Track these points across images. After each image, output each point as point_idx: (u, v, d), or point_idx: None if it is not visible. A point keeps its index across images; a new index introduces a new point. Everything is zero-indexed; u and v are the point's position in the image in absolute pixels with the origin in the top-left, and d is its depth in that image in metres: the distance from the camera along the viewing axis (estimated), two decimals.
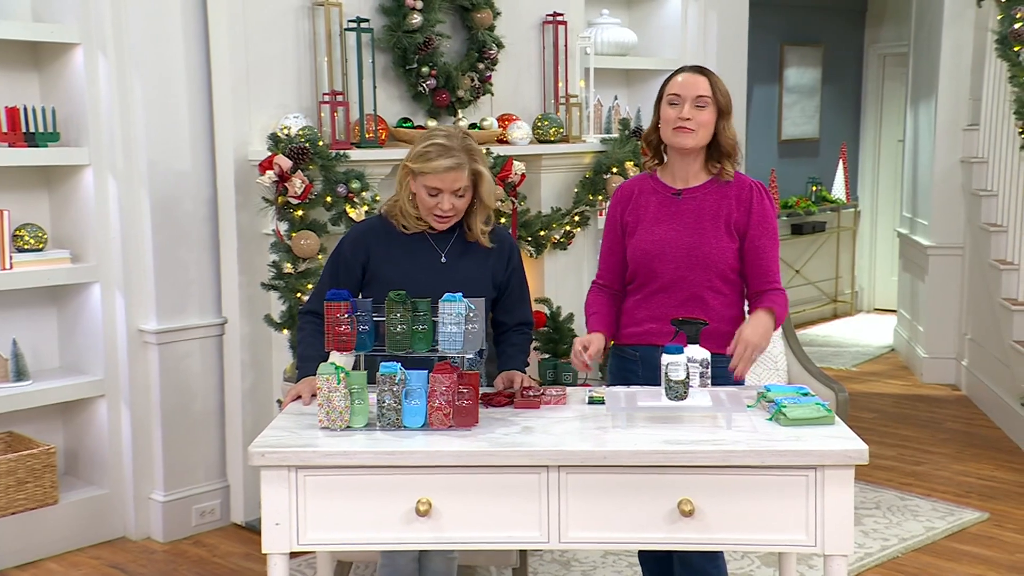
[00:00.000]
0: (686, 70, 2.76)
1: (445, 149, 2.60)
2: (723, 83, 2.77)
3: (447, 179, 2.60)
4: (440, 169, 2.59)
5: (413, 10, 4.26)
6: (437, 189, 2.62)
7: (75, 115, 3.90)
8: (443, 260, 2.72)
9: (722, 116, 2.73)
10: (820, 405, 2.35)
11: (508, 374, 2.73)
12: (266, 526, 2.23)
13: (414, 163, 2.64)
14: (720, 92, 2.72)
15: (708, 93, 2.70)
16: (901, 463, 4.86)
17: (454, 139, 2.64)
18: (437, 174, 2.59)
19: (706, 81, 2.72)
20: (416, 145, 2.67)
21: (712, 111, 2.71)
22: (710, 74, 2.75)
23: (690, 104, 2.69)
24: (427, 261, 2.71)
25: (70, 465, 4.20)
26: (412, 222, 2.71)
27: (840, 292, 8.54)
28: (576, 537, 2.24)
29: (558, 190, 4.82)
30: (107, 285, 3.97)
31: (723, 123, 2.73)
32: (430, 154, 2.61)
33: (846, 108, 8.49)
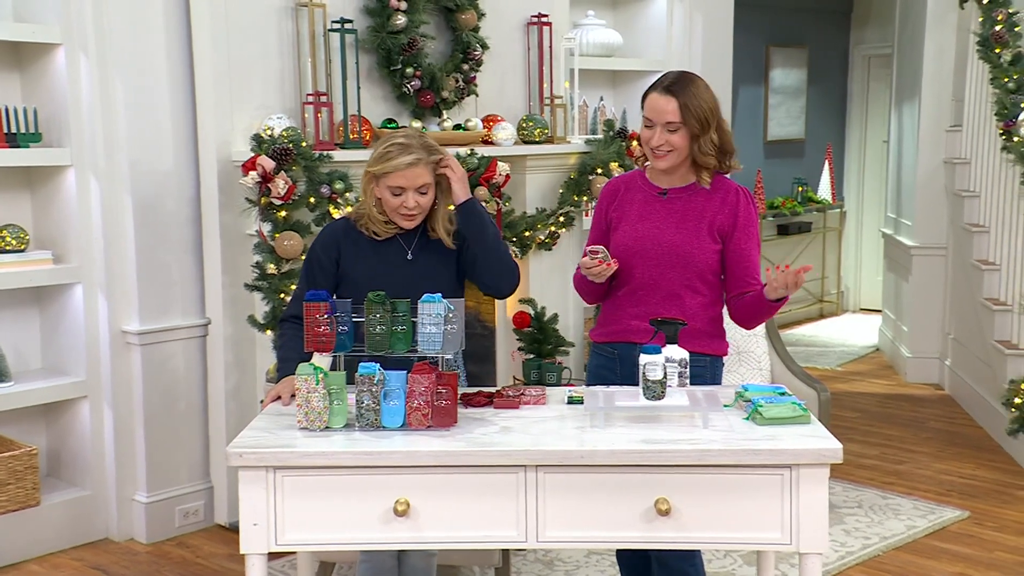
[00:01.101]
0: (659, 87, 2.70)
1: (404, 147, 2.66)
2: (700, 94, 2.66)
3: (410, 175, 2.64)
4: (402, 166, 2.63)
5: (397, 11, 4.27)
6: (401, 188, 2.66)
7: (57, 115, 3.89)
8: (409, 257, 2.75)
9: (696, 136, 2.66)
10: (796, 404, 2.36)
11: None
12: (244, 527, 2.23)
13: (375, 166, 2.68)
14: (692, 112, 2.64)
15: (676, 119, 2.65)
16: (883, 462, 4.89)
17: (412, 138, 2.70)
18: (400, 171, 2.64)
19: (675, 105, 2.65)
20: (375, 149, 2.72)
21: (684, 133, 2.67)
22: (683, 92, 2.66)
23: (661, 129, 2.68)
24: (394, 258, 2.75)
25: (52, 466, 4.19)
26: (381, 227, 2.74)
27: (826, 292, 8.57)
28: (554, 536, 2.25)
29: (543, 191, 4.83)
30: (89, 286, 3.96)
31: (700, 140, 2.67)
32: (390, 154, 2.66)
33: (831, 109, 8.53)
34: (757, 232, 2.82)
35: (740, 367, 4.46)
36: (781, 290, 2.62)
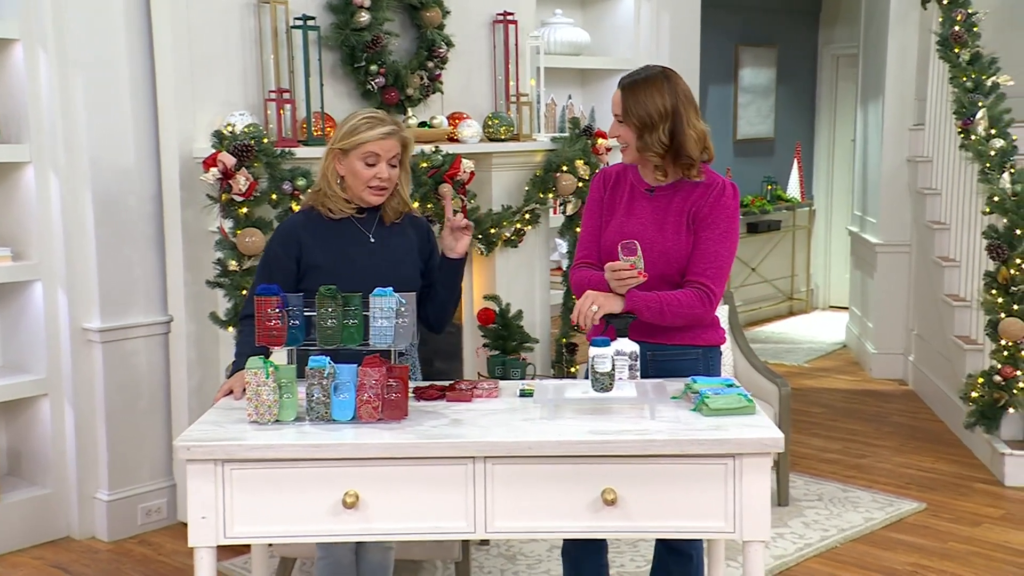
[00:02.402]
0: (619, 83, 2.73)
1: (377, 120, 2.74)
2: (650, 94, 2.65)
3: (385, 145, 2.71)
4: (378, 136, 2.70)
5: (361, 8, 4.27)
6: (376, 156, 2.71)
7: (15, 112, 3.88)
8: (371, 240, 2.79)
9: (646, 129, 2.65)
10: (742, 396, 2.39)
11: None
12: (192, 520, 2.24)
13: (345, 140, 2.73)
14: (632, 109, 2.65)
15: (619, 111, 2.69)
16: (846, 456, 4.94)
17: (380, 113, 2.80)
18: (376, 141, 2.70)
19: (620, 98, 2.69)
20: (341, 127, 2.77)
21: (629, 127, 2.68)
22: (631, 89, 2.67)
23: (614, 121, 2.73)
24: (357, 242, 2.78)
25: (13, 465, 4.17)
26: (339, 204, 2.77)
27: (795, 290, 8.64)
28: (502, 527, 2.27)
29: (509, 188, 4.85)
30: (49, 283, 3.95)
31: (644, 138, 2.66)
32: (363, 127, 2.72)
33: (800, 108, 8.60)
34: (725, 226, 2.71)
35: None
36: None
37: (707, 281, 2.67)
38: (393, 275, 2.70)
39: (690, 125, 2.70)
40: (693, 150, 2.70)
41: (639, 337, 2.68)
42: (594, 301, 2.60)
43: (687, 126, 2.69)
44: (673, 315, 2.64)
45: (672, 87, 2.70)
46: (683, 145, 2.69)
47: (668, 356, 2.75)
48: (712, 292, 2.68)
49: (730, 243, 2.72)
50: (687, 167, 2.73)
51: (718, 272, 2.69)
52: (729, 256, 2.73)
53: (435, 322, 2.89)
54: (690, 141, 2.69)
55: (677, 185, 2.75)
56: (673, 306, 2.63)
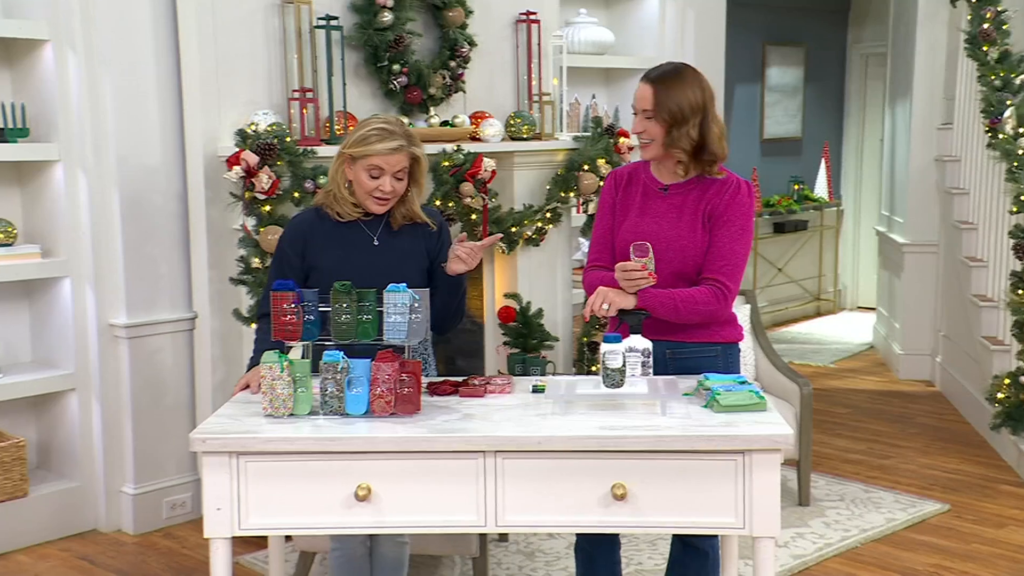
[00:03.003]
0: (644, 77, 2.73)
1: (388, 133, 2.72)
2: (684, 88, 2.65)
3: (391, 160, 2.70)
4: (384, 151, 2.69)
5: (384, 8, 4.31)
6: (380, 170, 2.71)
7: (45, 111, 3.95)
8: (375, 243, 2.80)
9: (670, 127, 2.66)
10: (754, 392, 2.39)
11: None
12: (208, 511, 2.28)
13: (354, 148, 2.72)
14: (665, 104, 2.64)
15: (650, 107, 2.68)
16: (869, 457, 4.91)
17: (394, 124, 2.76)
18: (381, 156, 2.69)
19: (651, 93, 2.67)
20: (354, 132, 2.76)
21: (659, 123, 2.67)
22: (661, 83, 2.67)
23: (640, 116, 2.71)
24: (360, 245, 2.79)
25: (42, 458, 4.24)
26: (347, 208, 2.78)
27: (823, 290, 8.58)
28: (513, 521, 2.29)
29: (531, 187, 4.87)
30: (78, 280, 4.01)
31: (673, 133, 2.66)
32: (372, 138, 2.70)
33: (829, 107, 8.54)
34: (740, 223, 2.71)
35: None
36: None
37: (722, 278, 2.69)
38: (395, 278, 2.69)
39: (714, 121, 2.72)
40: (717, 147, 2.72)
41: (658, 335, 2.69)
42: (605, 298, 2.61)
43: (712, 122, 2.71)
44: (688, 312, 2.65)
45: (701, 82, 2.72)
46: (708, 142, 2.70)
47: (687, 353, 2.76)
48: (728, 289, 2.69)
49: (745, 240, 2.73)
50: (710, 164, 2.74)
51: (733, 269, 2.70)
52: (744, 253, 2.73)
53: (433, 326, 2.83)
54: (714, 138, 2.71)
55: (692, 183, 2.76)
56: (688, 303, 2.64)
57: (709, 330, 2.74)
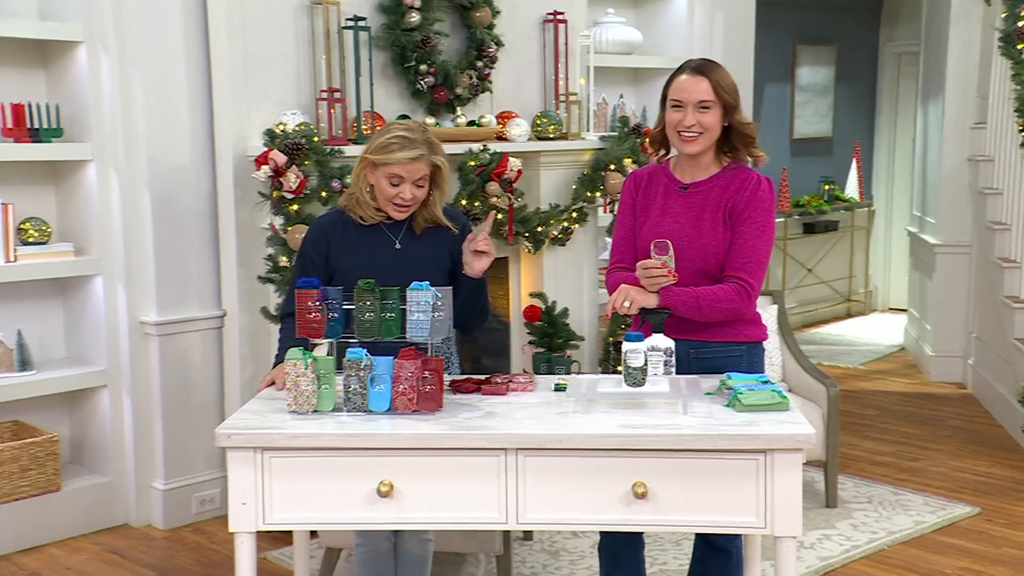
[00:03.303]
0: (687, 70, 2.71)
1: (408, 141, 2.71)
2: (727, 75, 2.71)
3: (411, 169, 2.70)
4: (404, 160, 2.68)
5: (412, 9, 4.34)
6: (400, 178, 2.71)
7: (79, 111, 4.01)
8: (397, 246, 2.81)
9: (729, 112, 2.69)
10: (776, 392, 2.39)
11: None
12: (233, 506, 2.31)
13: (376, 155, 2.72)
14: (724, 90, 2.67)
15: (710, 97, 2.66)
16: (898, 459, 4.87)
17: (415, 132, 2.75)
18: (401, 164, 2.69)
19: (707, 84, 2.66)
20: (376, 138, 2.76)
21: (717, 111, 2.67)
22: (712, 72, 2.68)
23: (693, 109, 2.68)
24: (383, 248, 2.80)
25: (75, 453, 4.31)
26: (370, 212, 2.79)
27: (854, 291, 8.51)
28: (534, 518, 2.30)
29: (557, 187, 4.88)
30: (110, 278, 4.07)
31: (732, 117, 2.69)
32: (393, 146, 2.70)
33: (860, 107, 8.47)
34: (762, 219, 2.71)
35: None
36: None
37: (745, 275, 2.68)
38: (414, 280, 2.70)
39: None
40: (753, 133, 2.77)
41: (682, 334, 2.69)
42: (627, 296, 2.61)
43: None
44: (711, 310, 2.64)
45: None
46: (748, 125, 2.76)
47: (711, 353, 2.75)
48: (751, 286, 2.68)
49: (768, 237, 2.72)
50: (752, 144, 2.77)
51: (756, 266, 2.69)
52: (767, 250, 2.73)
53: (459, 325, 2.84)
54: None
55: (712, 180, 2.76)
56: (711, 300, 2.64)
57: (733, 329, 2.73)
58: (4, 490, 3.89)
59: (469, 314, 2.82)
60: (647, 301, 2.62)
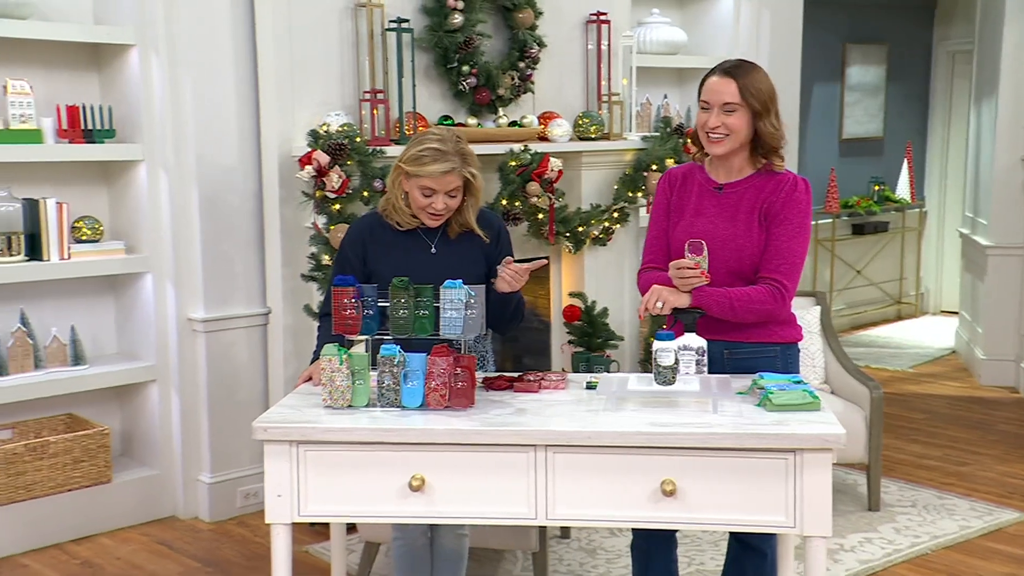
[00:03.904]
0: (718, 71, 2.70)
1: (440, 153, 2.73)
2: (760, 78, 2.67)
3: (442, 182, 2.74)
4: (436, 173, 2.72)
5: (454, 10, 4.38)
6: (432, 190, 2.75)
7: (130, 113, 4.12)
8: (432, 251, 2.85)
9: (758, 116, 2.66)
10: (807, 392, 2.38)
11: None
12: (269, 497, 2.36)
13: (409, 166, 2.76)
14: (752, 93, 2.64)
15: (736, 100, 2.65)
16: (945, 463, 4.80)
17: (448, 143, 2.77)
18: (433, 177, 2.72)
19: (734, 86, 2.65)
20: (410, 148, 2.79)
21: (744, 114, 2.66)
22: (743, 75, 2.66)
23: (718, 111, 2.67)
24: (418, 252, 2.85)
25: (126, 446, 4.42)
26: (405, 219, 2.84)
27: (904, 294, 8.39)
28: (563, 514, 2.32)
29: (599, 187, 4.89)
30: (159, 275, 4.17)
31: (761, 122, 2.66)
32: (425, 158, 2.73)
33: (912, 106, 8.35)
34: (798, 221, 2.71)
35: None
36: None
37: (780, 277, 2.67)
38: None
39: (779, 114, 2.73)
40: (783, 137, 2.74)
41: (715, 334, 2.69)
42: (659, 296, 2.62)
43: (779, 115, 2.72)
44: (744, 311, 2.64)
45: (766, 74, 2.73)
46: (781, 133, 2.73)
47: (745, 353, 2.75)
48: (785, 288, 2.67)
49: (803, 239, 2.71)
50: (775, 153, 2.73)
51: (791, 268, 2.68)
52: (802, 251, 2.71)
53: (493, 326, 2.89)
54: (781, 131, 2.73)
55: (747, 181, 2.75)
56: (744, 301, 2.64)
57: (767, 330, 2.72)
58: (57, 481, 4.00)
59: (501, 317, 2.86)
60: (679, 301, 2.62)
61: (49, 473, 3.98)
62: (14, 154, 3.83)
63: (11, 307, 4.02)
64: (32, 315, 4.04)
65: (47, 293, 4.12)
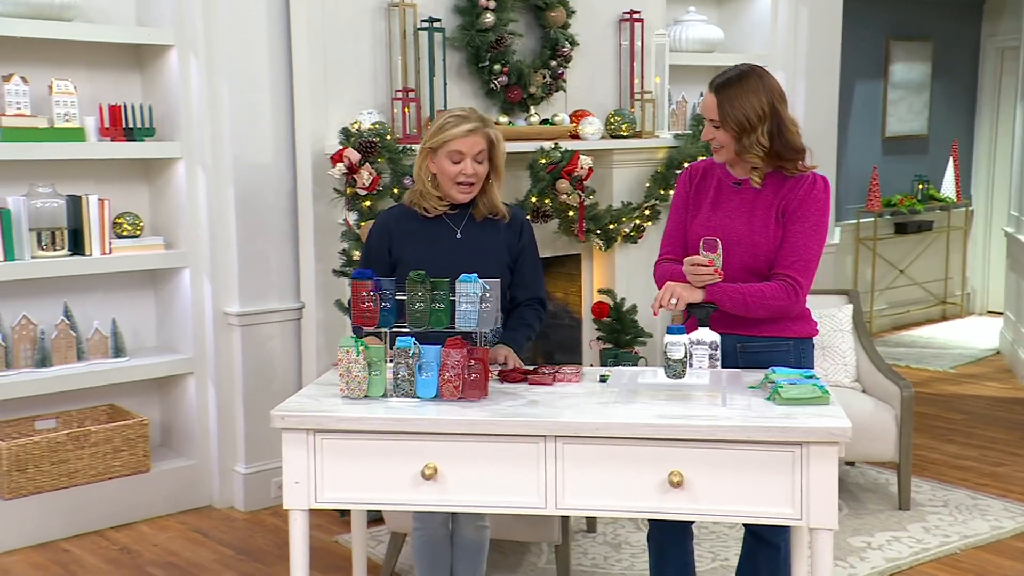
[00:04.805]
0: (709, 85, 2.73)
1: (462, 118, 2.86)
2: (743, 95, 2.63)
3: (468, 143, 2.83)
4: (462, 133, 2.82)
5: (486, 10, 4.43)
6: (460, 154, 2.83)
7: (169, 112, 4.23)
8: (458, 236, 2.90)
9: (738, 133, 2.65)
10: (817, 386, 2.39)
11: (497, 348, 2.86)
12: (287, 484, 2.43)
13: (434, 139, 2.86)
14: (727, 112, 2.63)
15: (716, 117, 2.68)
16: (981, 464, 4.74)
17: (467, 111, 2.90)
18: (460, 139, 2.82)
19: (714, 103, 2.68)
20: (431, 128, 2.90)
21: (728, 131, 2.67)
22: (723, 91, 2.66)
23: (708, 125, 2.73)
24: (444, 238, 2.91)
25: (165, 437, 4.54)
26: (433, 203, 2.90)
27: (950, 293, 8.27)
28: (573, 504, 2.36)
29: (630, 185, 4.91)
30: (196, 270, 4.28)
31: (745, 138, 2.65)
32: (448, 125, 2.85)
33: (959, 104, 8.22)
34: (814, 218, 2.70)
35: (824, 362, 4.43)
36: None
37: (794, 273, 2.68)
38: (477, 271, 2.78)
39: (788, 121, 2.70)
40: (798, 142, 2.71)
41: (728, 328, 2.71)
42: (673, 292, 2.64)
43: (786, 122, 2.69)
44: (757, 306, 2.66)
45: (765, 84, 2.69)
46: (788, 141, 2.69)
47: (758, 348, 2.76)
48: (799, 284, 2.68)
49: (819, 236, 2.71)
50: (794, 161, 2.72)
51: (806, 265, 2.69)
52: (818, 249, 2.72)
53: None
54: (792, 136, 2.70)
55: (766, 178, 2.76)
56: (756, 297, 2.65)
57: (781, 325, 2.73)
58: (98, 469, 4.13)
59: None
60: (692, 297, 2.65)
61: (90, 462, 4.11)
62: (58, 152, 3.96)
63: (55, 300, 4.16)
64: (75, 308, 4.17)
65: (89, 287, 4.26)
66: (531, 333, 2.97)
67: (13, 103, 3.87)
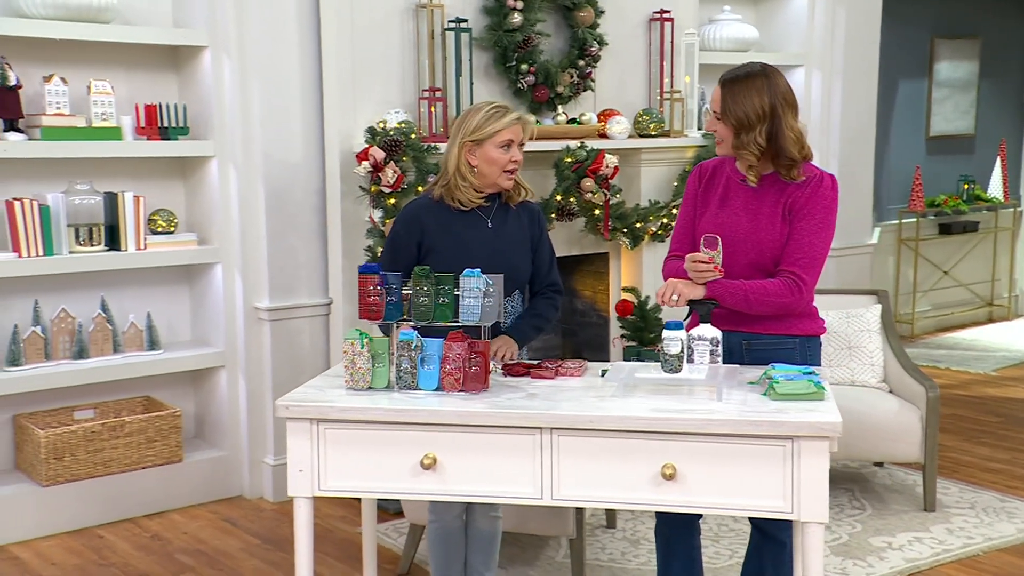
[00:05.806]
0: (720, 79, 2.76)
1: (503, 108, 2.97)
2: (747, 92, 2.65)
3: (515, 131, 2.95)
4: (510, 122, 2.93)
5: (514, 10, 4.48)
6: (510, 141, 2.93)
7: (203, 111, 4.34)
8: (489, 226, 2.98)
9: (743, 129, 2.66)
10: (813, 383, 2.40)
11: (499, 339, 2.90)
12: (291, 472, 2.50)
13: (479, 132, 2.92)
14: (728, 106, 2.66)
15: (718, 109, 2.72)
16: (1012, 466, 4.67)
17: (497, 103, 3.01)
18: (509, 128, 2.92)
19: (719, 95, 2.71)
20: (468, 122, 2.95)
21: (726, 125, 2.70)
22: (729, 85, 2.69)
23: (712, 116, 2.76)
24: (477, 228, 2.98)
25: (198, 428, 4.66)
26: (470, 195, 2.95)
27: (997, 295, 8.12)
28: (568, 495, 2.39)
29: (658, 184, 4.92)
30: (228, 266, 4.39)
31: (743, 134, 2.66)
32: (495, 116, 2.94)
33: (1007, 103, 8.07)
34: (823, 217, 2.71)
35: (851, 362, 4.40)
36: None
37: (798, 270, 2.68)
38: (506, 263, 2.85)
39: (788, 126, 2.69)
40: (793, 151, 2.70)
41: (734, 325, 2.73)
42: (675, 289, 2.67)
43: (785, 128, 2.68)
44: (759, 303, 2.66)
45: (771, 86, 2.69)
46: (782, 147, 2.70)
47: (763, 345, 2.77)
48: (803, 281, 2.68)
49: (825, 234, 2.71)
50: (787, 168, 2.72)
51: (811, 263, 2.69)
52: (824, 247, 2.72)
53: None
54: (789, 142, 2.69)
55: (773, 176, 2.77)
56: (759, 294, 2.66)
57: (787, 322, 2.74)
58: (132, 459, 4.26)
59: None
60: (694, 293, 2.67)
61: (125, 451, 4.23)
62: (96, 150, 4.09)
63: (92, 294, 4.29)
64: (111, 302, 4.31)
65: (125, 281, 4.39)
66: (542, 324, 3.03)
67: (53, 103, 4.01)
